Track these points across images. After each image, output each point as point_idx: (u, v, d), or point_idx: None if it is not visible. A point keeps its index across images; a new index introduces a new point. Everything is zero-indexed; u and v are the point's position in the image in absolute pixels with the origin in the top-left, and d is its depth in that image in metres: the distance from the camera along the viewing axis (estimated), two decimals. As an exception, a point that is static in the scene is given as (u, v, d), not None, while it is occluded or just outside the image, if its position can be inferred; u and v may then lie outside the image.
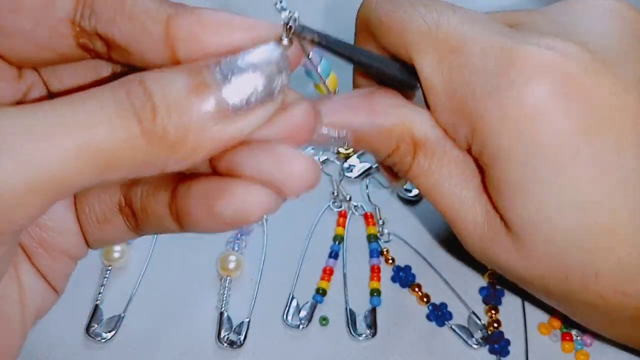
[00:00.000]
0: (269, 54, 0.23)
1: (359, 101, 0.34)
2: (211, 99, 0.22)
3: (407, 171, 0.34)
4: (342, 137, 0.33)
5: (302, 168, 0.23)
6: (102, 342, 0.39)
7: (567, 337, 0.41)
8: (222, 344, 0.39)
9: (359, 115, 0.33)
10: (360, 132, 0.33)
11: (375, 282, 0.43)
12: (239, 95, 0.22)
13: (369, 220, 0.45)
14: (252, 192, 0.23)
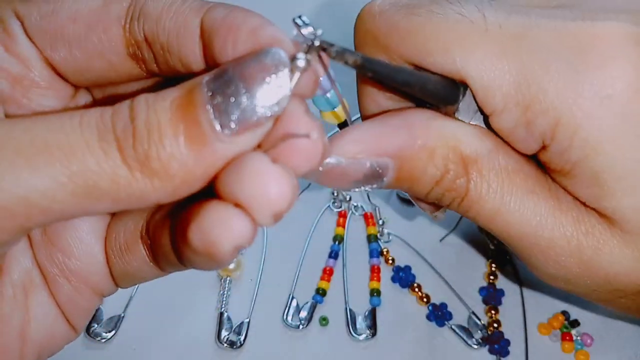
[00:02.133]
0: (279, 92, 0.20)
1: (393, 123, 0.29)
2: (199, 121, 0.20)
3: (463, 199, 0.28)
4: (381, 168, 0.28)
5: (273, 186, 0.20)
6: (102, 342, 0.39)
7: (567, 337, 0.41)
8: (222, 344, 0.39)
9: (399, 136, 0.28)
10: (402, 156, 0.28)
11: (375, 282, 0.43)
12: (230, 117, 0.20)
13: (369, 221, 0.45)
14: (222, 216, 0.20)
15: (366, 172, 0.28)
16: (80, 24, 0.24)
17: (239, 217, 0.20)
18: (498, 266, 0.43)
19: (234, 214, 0.20)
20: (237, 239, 0.20)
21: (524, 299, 0.42)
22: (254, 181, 0.20)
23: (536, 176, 0.29)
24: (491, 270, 0.43)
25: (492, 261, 0.44)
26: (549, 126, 0.27)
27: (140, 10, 0.24)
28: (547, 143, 0.28)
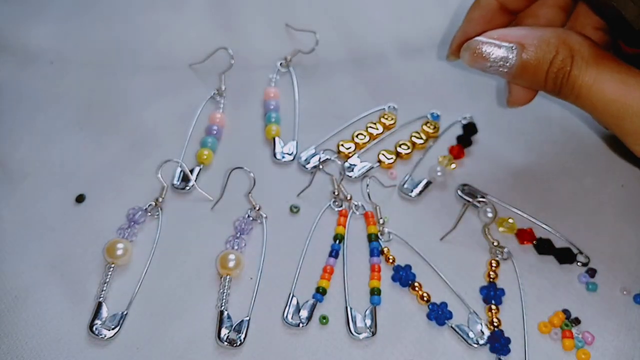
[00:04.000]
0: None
1: (525, 27, 0.41)
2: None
3: (569, 74, 0.37)
4: (512, 51, 0.38)
5: None
6: (105, 340, 0.40)
7: (568, 335, 0.41)
8: (222, 343, 0.40)
9: (525, 30, 0.39)
10: (525, 42, 0.38)
11: (376, 281, 0.43)
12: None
13: (370, 220, 0.45)
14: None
15: (500, 53, 0.38)
16: None
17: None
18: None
19: None
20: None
21: (524, 298, 0.42)
22: None
23: (626, 68, 0.37)
24: (491, 269, 0.43)
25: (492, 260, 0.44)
26: None
27: None
28: None
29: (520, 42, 0.38)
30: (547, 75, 0.38)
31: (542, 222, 0.45)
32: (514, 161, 0.49)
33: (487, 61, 0.38)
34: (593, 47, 0.38)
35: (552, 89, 0.39)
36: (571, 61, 0.37)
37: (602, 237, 0.45)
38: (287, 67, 0.54)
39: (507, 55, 0.38)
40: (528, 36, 0.38)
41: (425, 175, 0.48)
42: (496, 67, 0.38)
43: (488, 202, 0.45)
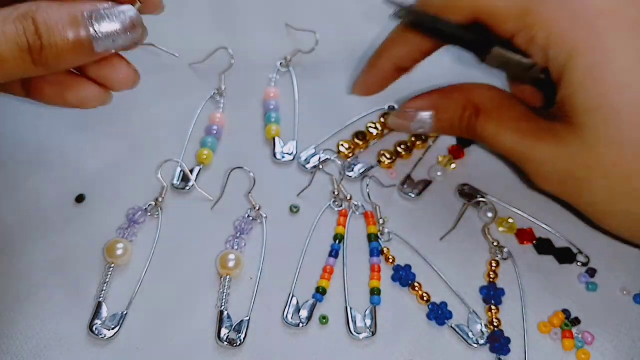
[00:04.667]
0: (130, 11, 0.33)
1: (437, 92, 0.45)
2: (84, 49, 0.32)
3: (475, 127, 0.42)
4: (428, 118, 0.44)
5: (126, 74, 0.36)
6: (105, 340, 0.40)
7: (568, 335, 0.41)
8: (222, 343, 0.40)
9: (437, 94, 0.44)
10: (439, 105, 0.44)
11: (376, 281, 0.43)
12: (103, 47, 0.32)
13: (370, 220, 0.45)
14: (93, 89, 0.36)
15: (419, 119, 0.44)
16: None
17: (104, 94, 0.37)
18: None
19: (100, 91, 0.37)
20: (100, 103, 0.38)
21: (524, 298, 0.42)
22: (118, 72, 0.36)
23: (524, 115, 0.41)
24: (492, 269, 0.43)
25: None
26: (545, 35, 0.37)
27: None
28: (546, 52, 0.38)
29: (434, 109, 0.43)
30: (460, 129, 0.43)
31: (542, 222, 0.45)
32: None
33: (409, 129, 0.45)
34: (497, 99, 0.42)
35: (467, 136, 0.43)
36: (476, 117, 0.42)
37: (602, 237, 0.45)
38: (287, 67, 0.54)
39: (425, 120, 0.44)
40: (439, 101, 0.44)
41: (425, 175, 0.48)
42: (417, 129, 0.44)
43: (488, 202, 0.45)
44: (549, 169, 0.39)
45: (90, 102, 0.37)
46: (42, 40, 0.30)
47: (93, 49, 0.32)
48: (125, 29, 0.32)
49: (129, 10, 0.33)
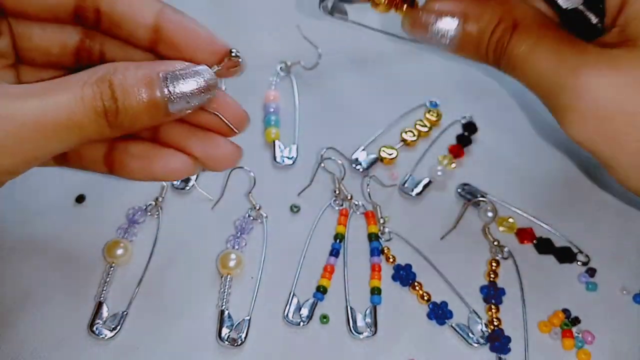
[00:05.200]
0: (208, 79, 0.31)
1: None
2: (159, 109, 0.30)
3: (508, 42, 0.35)
4: (454, 23, 0.36)
5: (228, 153, 0.35)
6: (105, 339, 0.40)
7: (568, 334, 0.41)
8: (222, 342, 0.40)
9: (470, 1, 0.36)
10: (470, 11, 0.36)
11: (376, 281, 0.43)
12: (178, 107, 0.31)
13: (370, 219, 0.45)
14: (181, 160, 0.34)
15: (441, 25, 0.36)
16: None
17: (195, 164, 0.35)
18: None
19: (191, 161, 0.35)
20: (190, 175, 0.36)
21: (525, 297, 0.42)
22: (219, 149, 0.35)
23: (568, 39, 0.35)
24: (492, 269, 0.43)
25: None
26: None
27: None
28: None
29: (463, 15, 0.36)
30: (488, 45, 0.36)
31: (542, 222, 0.45)
32: (513, 160, 0.49)
33: (426, 32, 0.37)
34: (538, 17, 0.36)
35: (493, 60, 0.37)
36: (511, 31, 0.35)
37: (602, 237, 0.45)
38: (287, 71, 0.54)
39: (449, 27, 0.36)
40: (471, 8, 0.36)
41: (425, 174, 0.48)
42: (437, 39, 0.37)
43: (488, 202, 0.45)
44: (593, 101, 0.32)
45: (178, 173, 0.35)
46: (117, 104, 0.30)
47: (168, 109, 0.31)
48: (200, 90, 0.31)
49: (205, 71, 0.31)
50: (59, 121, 0.29)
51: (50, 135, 0.29)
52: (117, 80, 0.30)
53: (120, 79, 0.30)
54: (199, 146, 0.34)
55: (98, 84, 0.29)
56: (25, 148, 0.29)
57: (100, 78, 0.30)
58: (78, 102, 0.29)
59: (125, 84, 0.30)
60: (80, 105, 0.29)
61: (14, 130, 0.28)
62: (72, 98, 0.29)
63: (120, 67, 0.30)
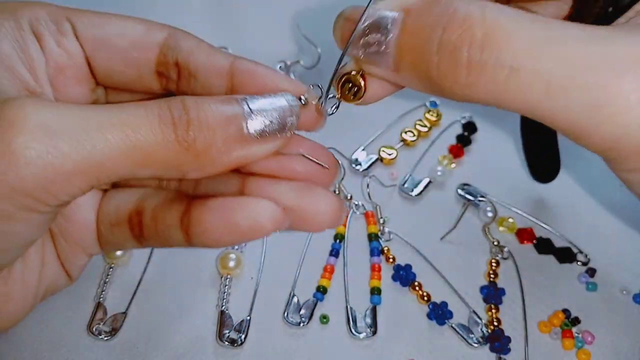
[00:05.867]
0: (289, 102, 0.29)
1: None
2: (235, 125, 0.27)
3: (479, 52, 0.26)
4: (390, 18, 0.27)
5: (327, 204, 0.29)
6: (105, 340, 0.40)
7: (568, 334, 0.41)
8: (222, 342, 0.40)
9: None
10: (411, 10, 0.28)
11: (376, 281, 0.43)
12: (257, 127, 0.27)
13: (370, 219, 0.45)
14: (269, 208, 0.28)
15: (374, 20, 0.28)
16: (126, 39, 0.31)
17: (282, 212, 0.29)
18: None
19: (279, 210, 0.28)
20: (279, 227, 0.28)
21: (525, 297, 0.42)
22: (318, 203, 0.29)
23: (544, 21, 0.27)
24: (492, 269, 0.43)
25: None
26: None
27: (176, 42, 0.31)
28: None
29: (405, 9, 0.28)
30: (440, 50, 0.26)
31: (542, 222, 0.45)
32: (513, 160, 0.49)
33: (354, 39, 0.28)
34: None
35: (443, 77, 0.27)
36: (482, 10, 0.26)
37: (601, 237, 0.45)
38: (286, 70, 0.54)
39: (385, 24, 0.28)
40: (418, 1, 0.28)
41: (425, 174, 0.48)
42: (367, 46, 0.28)
43: (488, 202, 0.45)
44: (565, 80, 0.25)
45: (265, 225, 0.28)
46: (189, 114, 0.27)
47: (245, 129, 0.27)
48: (280, 109, 0.28)
49: (285, 94, 0.29)
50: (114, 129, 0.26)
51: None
52: (190, 99, 0.27)
53: (194, 98, 0.27)
54: (292, 194, 0.29)
55: (168, 101, 0.27)
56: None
57: (171, 98, 0.28)
58: (143, 112, 0.26)
59: (198, 100, 0.27)
60: (143, 114, 0.26)
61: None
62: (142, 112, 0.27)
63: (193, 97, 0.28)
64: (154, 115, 0.26)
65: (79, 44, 0.31)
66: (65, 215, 0.32)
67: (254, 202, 0.28)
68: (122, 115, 0.26)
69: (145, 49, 0.31)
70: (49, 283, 0.33)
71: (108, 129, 0.25)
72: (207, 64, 0.31)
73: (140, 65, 0.32)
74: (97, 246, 0.33)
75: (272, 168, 0.30)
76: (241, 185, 0.31)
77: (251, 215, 0.28)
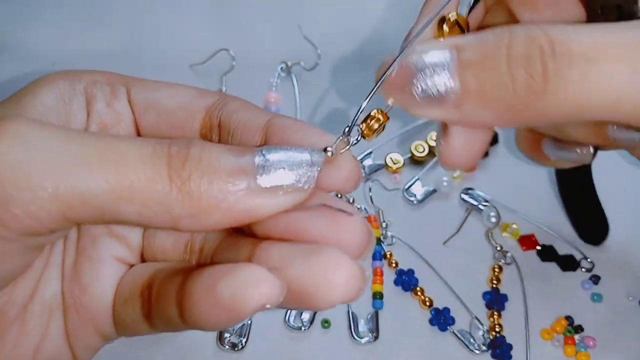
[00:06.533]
0: (311, 153, 0.24)
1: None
2: (242, 173, 0.23)
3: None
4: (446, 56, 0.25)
5: (343, 279, 0.22)
6: (103, 343, 0.39)
7: (570, 341, 0.40)
8: (223, 346, 0.39)
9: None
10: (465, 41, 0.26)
11: (378, 285, 0.42)
12: (269, 178, 0.23)
13: (373, 223, 0.45)
14: (256, 274, 0.22)
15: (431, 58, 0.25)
16: (175, 102, 0.30)
17: (274, 282, 0.22)
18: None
19: (268, 277, 0.22)
20: (268, 300, 0.22)
21: (527, 304, 0.42)
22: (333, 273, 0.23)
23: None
24: (495, 275, 0.43)
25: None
26: None
27: (223, 104, 0.29)
28: None
29: (455, 46, 0.26)
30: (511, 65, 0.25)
31: (546, 227, 0.45)
32: (526, 178, 0.48)
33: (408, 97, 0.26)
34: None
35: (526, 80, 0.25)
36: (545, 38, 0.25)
37: (606, 242, 0.45)
38: (287, 71, 0.54)
39: (442, 61, 0.25)
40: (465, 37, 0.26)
41: (431, 182, 0.47)
42: (431, 87, 0.25)
43: (491, 207, 0.45)
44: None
45: (246, 299, 0.22)
46: (188, 149, 0.23)
47: (256, 177, 0.23)
48: (302, 162, 0.24)
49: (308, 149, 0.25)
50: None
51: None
52: (198, 140, 0.24)
53: (203, 141, 0.24)
54: (298, 258, 0.23)
55: (172, 139, 0.24)
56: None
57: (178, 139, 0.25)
58: (138, 143, 0.24)
59: (208, 143, 0.24)
60: (137, 144, 0.23)
61: None
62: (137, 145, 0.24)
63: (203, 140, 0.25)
64: (148, 146, 0.23)
65: (129, 106, 0.30)
66: (82, 285, 0.28)
67: (240, 268, 0.23)
68: (110, 146, 0.23)
69: (193, 110, 0.30)
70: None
71: (94, 164, 0.22)
72: (245, 121, 0.29)
73: (185, 127, 0.30)
74: (112, 327, 0.29)
75: (292, 230, 0.25)
76: (251, 251, 0.25)
77: (233, 284, 0.22)
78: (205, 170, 0.23)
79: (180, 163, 0.23)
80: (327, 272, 0.22)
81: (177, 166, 0.23)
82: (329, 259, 0.23)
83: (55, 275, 0.28)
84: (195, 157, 0.23)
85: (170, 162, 0.23)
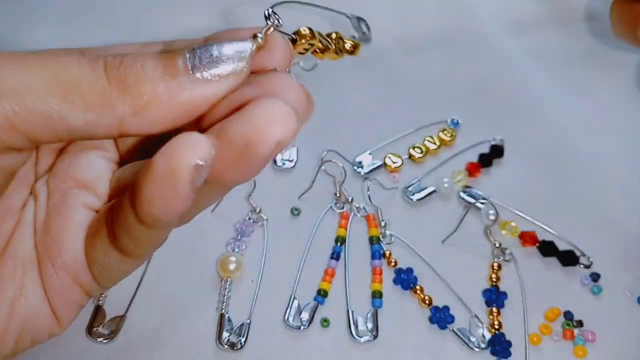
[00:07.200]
0: (241, 47, 0.25)
1: None
2: (179, 75, 0.24)
3: None
4: None
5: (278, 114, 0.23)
6: (104, 343, 0.39)
7: (569, 334, 0.41)
8: (222, 346, 0.39)
9: None
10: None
11: (377, 284, 0.42)
12: (205, 74, 0.24)
13: (371, 222, 0.45)
14: (186, 138, 0.23)
15: None
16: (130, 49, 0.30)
17: (202, 138, 0.22)
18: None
19: (198, 136, 0.23)
20: (199, 154, 0.22)
21: (527, 301, 0.42)
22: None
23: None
24: (494, 272, 0.43)
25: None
26: None
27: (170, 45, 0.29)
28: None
29: None
30: None
31: (545, 224, 0.45)
32: (531, 186, 0.48)
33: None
34: None
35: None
36: None
37: (605, 239, 0.45)
38: (287, 71, 0.54)
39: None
40: None
41: (432, 183, 0.47)
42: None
43: (490, 204, 0.45)
44: None
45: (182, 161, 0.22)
46: (123, 57, 0.24)
47: (187, 67, 0.24)
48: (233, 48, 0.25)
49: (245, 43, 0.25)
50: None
51: None
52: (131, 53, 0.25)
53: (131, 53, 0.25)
54: (235, 116, 0.24)
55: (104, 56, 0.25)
56: None
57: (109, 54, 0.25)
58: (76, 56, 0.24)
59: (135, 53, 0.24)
60: (75, 58, 0.24)
61: None
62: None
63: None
64: (85, 56, 0.24)
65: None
66: (53, 235, 0.28)
67: (174, 139, 0.23)
68: (51, 52, 0.24)
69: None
70: (26, 318, 0.27)
71: (30, 63, 0.23)
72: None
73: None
74: (88, 273, 0.28)
75: (232, 107, 0.25)
76: None
77: (167, 152, 0.22)
78: (141, 68, 0.24)
79: (115, 66, 0.24)
80: (262, 111, 0.23)
81: (112, 68, 0.24)
82: (263, 103, 0.23)
83: (27, 232, 0.28)
84: (130, 60, 0.24)
85: (107, 66, 0.24)
